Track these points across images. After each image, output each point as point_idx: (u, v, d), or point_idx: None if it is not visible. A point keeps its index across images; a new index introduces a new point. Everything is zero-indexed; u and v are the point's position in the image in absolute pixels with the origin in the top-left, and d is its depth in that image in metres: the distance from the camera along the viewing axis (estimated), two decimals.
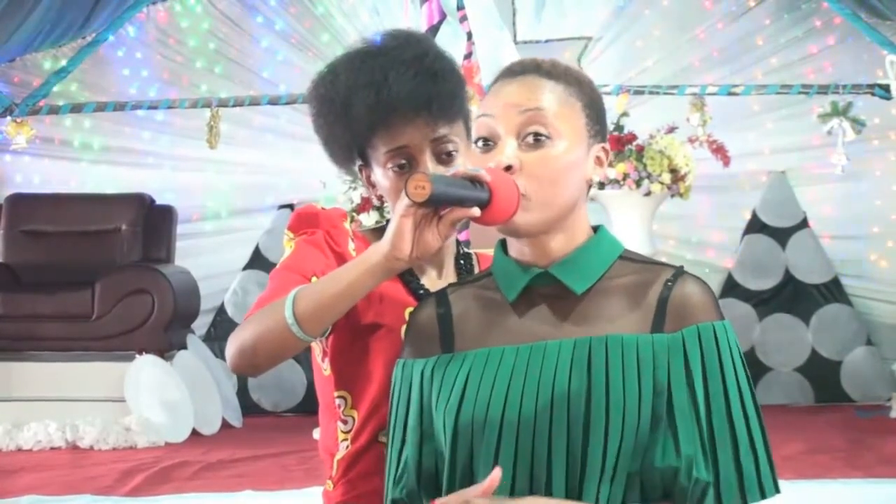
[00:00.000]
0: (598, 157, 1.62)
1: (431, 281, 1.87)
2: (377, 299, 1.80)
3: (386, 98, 1.77)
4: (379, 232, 1.88)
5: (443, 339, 1.63)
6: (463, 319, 1.63)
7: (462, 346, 1.61)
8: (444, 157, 1.81)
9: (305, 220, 1.86)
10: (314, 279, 1.73)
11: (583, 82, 1.62)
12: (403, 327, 1.79)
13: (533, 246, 1.59)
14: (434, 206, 1.53)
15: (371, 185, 1.89)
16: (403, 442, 1.61)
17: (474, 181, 1.52)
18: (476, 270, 1.91)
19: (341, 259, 1.80)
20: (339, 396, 1.84)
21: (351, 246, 1.84)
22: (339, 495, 1.84)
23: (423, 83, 1.78)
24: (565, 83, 1.59)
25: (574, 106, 1.58)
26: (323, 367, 1.87)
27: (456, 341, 1.62)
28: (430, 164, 1.80)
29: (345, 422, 1.84)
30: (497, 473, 1.47)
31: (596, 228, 1.63)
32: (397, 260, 1.57)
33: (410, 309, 1.80)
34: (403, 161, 1.80)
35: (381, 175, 1.83)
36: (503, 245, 1.64)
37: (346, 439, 1.83)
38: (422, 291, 1.83)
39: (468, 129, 1.86)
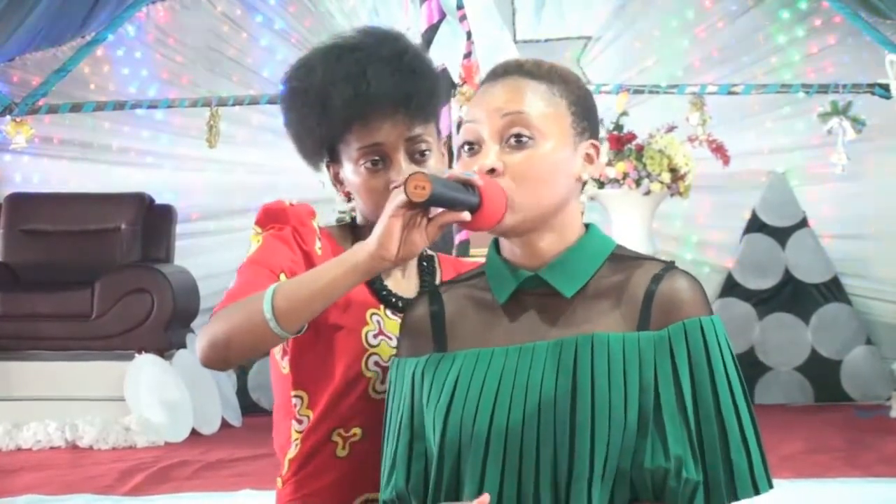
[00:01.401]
0: (587, 155, 1.60)
1: (395, 282, 1.85)
2: (342, 301, 1.76)
3: (364, 93, 1.75)
4: (345, 230, 1.88)
5: (436, 338, 1.62)
6: (456, 318, 1.63)
7: (455, 345, 1.60)
8: (418, 157, 1.79)
9: (273, 216, 1.83)
10: (282, 275, 1.72)
11: (568, 80, 1.60)
12: (364, 329, 1.79)
13: (523, 246, 1.58)
14: (428, 207, 1.53)
15: (339, 181, 1.87)
16: (397, 441, 1.60)
17: (466, 185, 1.52)
18: (437, 272, 1.90)
19: (308, 257, 1.78)
20: (295, 396, 1.82)
21: (317, 244, 1.81)
22: (287, 494, 1.82)
23: (401, 80, 1.77)
24: (549, 82, 1.58)
25: (558, 105, 1.57)
26: (281, 365, 1.84)
27: (448, 340, 1.61)
28: (403, 163, 1.78)
29: (300, 421, 1.82)
30: (485, 499, 1.46)
31: (587, 227, 1.62)
32: (383, 259, 1.56)
33: (372, 311, 1.80)
34: (377, 158, 1.78)
35: (352, 172, 1.81)
36: (496, 244, 1.63)
37: (297, 438, 1.82)
38: (385, 293, 1.82)
39: (439, 131, 1.85)
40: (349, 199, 1.87)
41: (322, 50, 1.84)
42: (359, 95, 1.75)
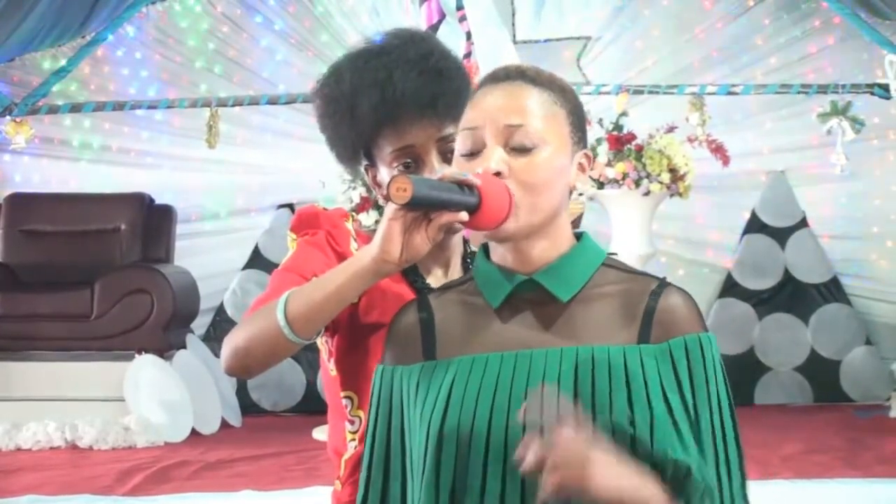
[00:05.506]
0: (580, 164, 1.61)
1: (437, 280, 1.85)
2: (381, 299, 1.79)
3: (391, 97, 1.76)
4: None
5: (425, 345, 1.60)
6: (445, 325, 1.61)
7: (444, 352, 1.58)
8: (451, 156, 1.78)
9: (306, 221, 1.85)
10: (314, 280, 1.72)
11: (566, 90, 1.61)
12: None
13: (516, 252, 1.57)
14: (420, 209, 1.52)
15: (377, 185, 1.89)
16: (372, 457, 1.59)
17: (463, 185, 1.50)
18: None
19: (343, 259, 1.78)
20: (345, 397, 1.84)
21: (353, 245, 1.83)
22: (347, 495, 1.83)
23: (428, 82, 1.78)
24: (550, 90, 1.58)
25: (558, 113, 1.57)
26: (329, 367, 1.86)
27: (438, 347, 1.59)
28: (436, 164, 1.79)
29: (352, 422, 1.83)
30: None
31: (579, 236, 1.62)
32: (386, 263, 1.55)
33: None
34: (409, 160, 1.80)
35: (387, 175, 1.82)
36: (485, 250, 1.63)
37: (353, 439, 1.83)
38: (426, 290, 1.81)
39: None
40: (388, 202, 1.88)
41: (351, 56, 1.85)
42: (386, 100, 1.77)
